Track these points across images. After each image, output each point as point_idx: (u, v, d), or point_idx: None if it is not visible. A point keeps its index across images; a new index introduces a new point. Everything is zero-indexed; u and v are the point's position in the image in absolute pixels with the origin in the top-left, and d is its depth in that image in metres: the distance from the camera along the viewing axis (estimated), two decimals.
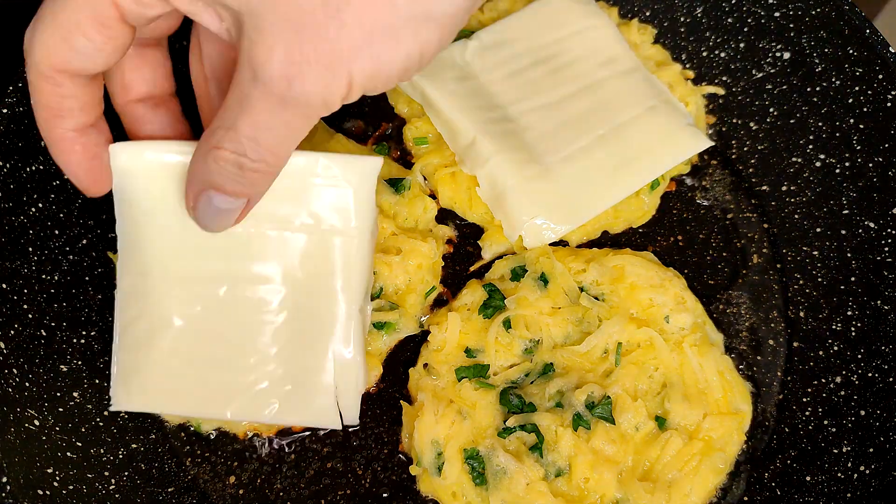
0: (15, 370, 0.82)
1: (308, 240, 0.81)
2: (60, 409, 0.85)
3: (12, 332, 0.83)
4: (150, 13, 0.60)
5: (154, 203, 0.78)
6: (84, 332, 0.91)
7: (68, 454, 0.83)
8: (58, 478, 0.80)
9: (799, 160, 1.05)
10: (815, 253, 1.01)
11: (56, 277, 0.90)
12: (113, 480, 0.85)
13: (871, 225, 0.98)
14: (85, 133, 0.68)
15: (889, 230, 0.96)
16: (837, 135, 1.02)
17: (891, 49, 0.96)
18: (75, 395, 0.87)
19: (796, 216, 1.04)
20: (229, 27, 0.58)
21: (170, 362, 0.81)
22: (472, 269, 1.00)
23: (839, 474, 0.89)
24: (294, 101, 0.56)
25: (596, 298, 0.93)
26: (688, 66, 1.12)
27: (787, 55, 1.06)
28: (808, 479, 0.90)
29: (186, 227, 0.74)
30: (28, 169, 0.88)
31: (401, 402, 0.92)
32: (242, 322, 0.81)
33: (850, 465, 0.89)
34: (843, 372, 0.94)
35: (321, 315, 0.82)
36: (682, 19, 1.13)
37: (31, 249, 0.88)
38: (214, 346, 0.82)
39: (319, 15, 0.54)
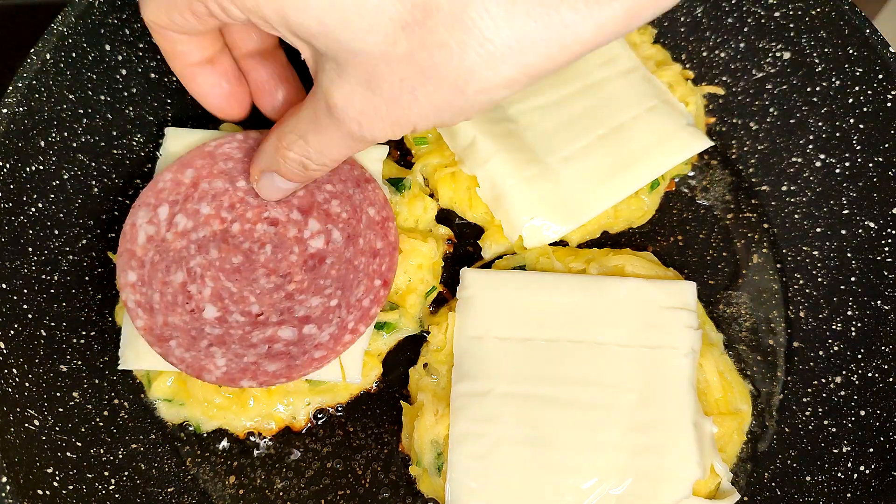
0: (15, 370, 0.82)
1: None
2: (60, 409, 0.85)
3: (12, 332, 0.83)
4: (234, 20, 0.66)
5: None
6: (84, 332, 0.91)
7: (68, 454, 0.83)
8: (58, 478, 0.80)
9: (799, 160, 1.05)
10: (815, 253, 1.01)
11: (56, 277, 0.90)
12: (113, 480, 0.85)
13: (871, 225, 0.98)
14: (203, 67, 0.81)
15: (889, 230, 0.96)
16: (837, 135, 1.02)
17: (891, 49, 0.96)
18: (75, 395, 0.87)
19: (796, 216, 1.04)
20: (310, 58, 0.68)
21: None
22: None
23: (839, 474, 0.89)
24: (361, 138, 0.67)
25: None
26: (688, 66, 1.12)
27: (787, 55, 1.06)
28: (808, 479, 0.90)
29: None
30: (28, 169, 0.88)
31: (401, 402, 0.92)
32: None
33: (850, 465, 0.89)
34: (843, 372, 0.94)
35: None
36: (682, 19, 1.13)
37: (31, 249, 0.88)
38: None
39: (396, 87, 0.61)
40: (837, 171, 1.02)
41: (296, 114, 0.72)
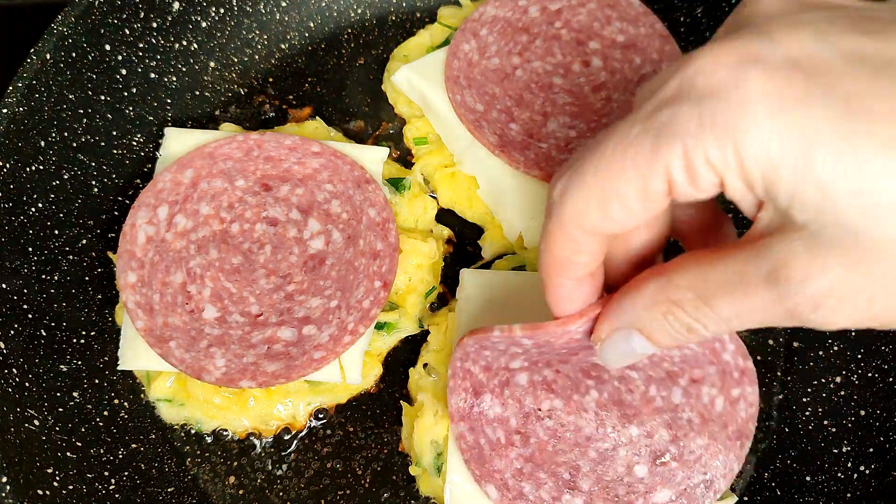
0: (15, 370, 0.82)
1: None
2: (60, 409, 0.85)
3: (12, 332, 0.83)
4: (699, 196, 0.53)
5: None
6: (84, 332, 0.91)
7: (68, 454, 0.83)
8: (58, 478, 0.80)
9: None
10: None
11: (56, 277, 0.90)
12: (113, 480, 0.85)
13: None
14: (581, 282, 0.64)
15: None
16: None
17: None
18: (75, 395, 0.87)
19: None
20: (770, 219, 0.53)
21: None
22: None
23: (839, 474, 0.89)
24: (799, 317, 0.52)
25: None
26: None
27: None
28: (808, 479, 0.90)
29: None
30: (28, 169, 0.88)
31: (401, 402, 0.92)
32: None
33: (850, 465, 0.89)
34: (843, 372, 0.94)
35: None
36: (682, 19, 1.13)
37: (31, 249, 0.88)
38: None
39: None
40: None
41: (695, 269, 0.56)
